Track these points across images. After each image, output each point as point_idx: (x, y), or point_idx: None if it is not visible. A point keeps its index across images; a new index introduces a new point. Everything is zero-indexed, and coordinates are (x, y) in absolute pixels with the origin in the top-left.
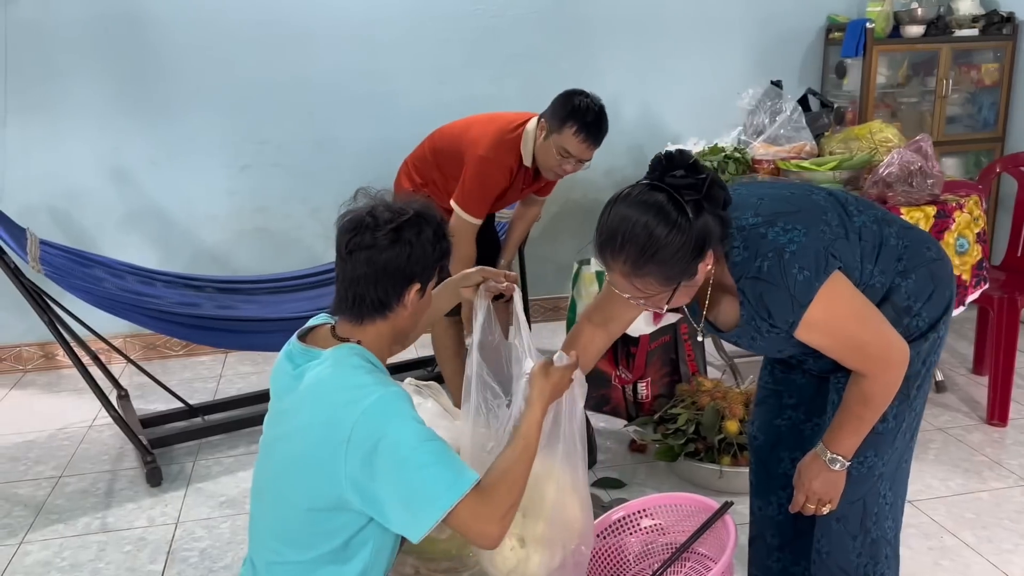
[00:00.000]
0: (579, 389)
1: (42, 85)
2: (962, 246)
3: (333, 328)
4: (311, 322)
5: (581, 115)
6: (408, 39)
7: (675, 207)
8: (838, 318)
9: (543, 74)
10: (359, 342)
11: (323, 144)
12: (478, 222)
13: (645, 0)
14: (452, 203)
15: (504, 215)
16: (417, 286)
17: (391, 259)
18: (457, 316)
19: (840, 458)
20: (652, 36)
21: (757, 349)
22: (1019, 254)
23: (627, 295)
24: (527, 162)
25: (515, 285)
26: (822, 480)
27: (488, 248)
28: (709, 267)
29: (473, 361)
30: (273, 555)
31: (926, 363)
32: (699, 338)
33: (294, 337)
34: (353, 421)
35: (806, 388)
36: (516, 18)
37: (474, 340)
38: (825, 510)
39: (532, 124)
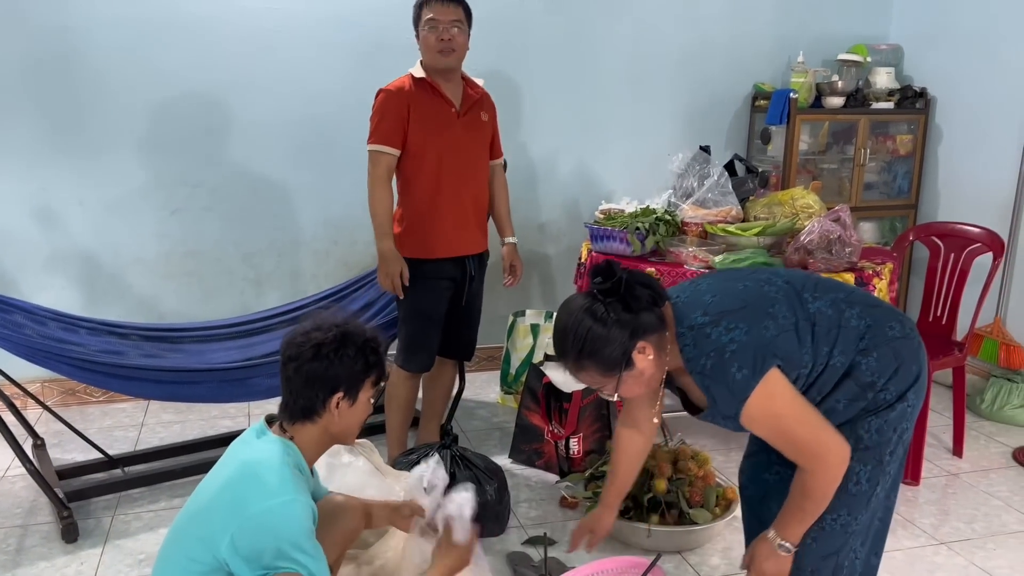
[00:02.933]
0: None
1: None
2: None
3: (281, 423)
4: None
5: None
6: (348, 89)
7: (598, 308)
8: (774, 416)
9: None
10: (291, 438)
11: (258, 189)
12: (387, 150)
13: (582, 62)
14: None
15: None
16: (340, 395)
17: (313, 370)
18: (415, 372)
19: (788, 544)
20: (589, 96)
21: (731, 428)
22: (930, 319)
23: (586, 386)
24: (420, 73)
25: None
26: (773, 562)
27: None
28: (650, 357)
29: None
30: None
31: (897, 430)
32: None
33: (263, 419)
34: (264, 506)
35: None
36: None
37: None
38: None
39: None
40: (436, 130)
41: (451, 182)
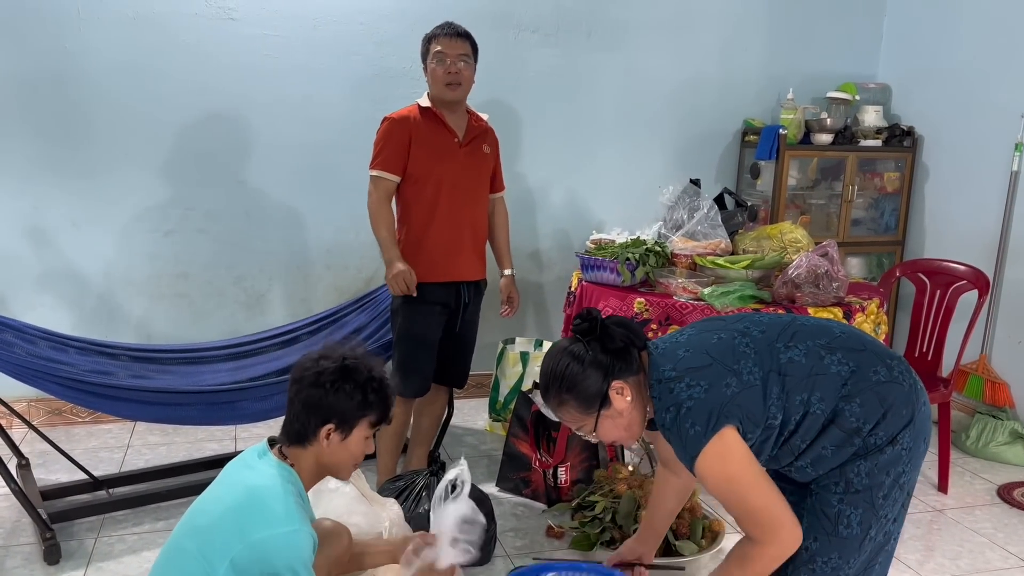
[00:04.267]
0: None
1: None
2: None
3: (281, 446)
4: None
5: (433, 29)
6: (344, 117)
7: (577, 347)
8: (727, 479)
9: None
10: (293, 465)
11: (252, 213)
12: (387, 176)
13: (576, 94)
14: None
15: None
16: (331, 427)
17: (308, 397)
18: (409, 397)
19: None
20: (581, 128)
21: None
22: (916, 355)
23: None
24: (427, 103)
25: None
26: None
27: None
28: (628, 398)
29: None
30: None
31: (891, 474)
32: None
33: (265, 440)
34: (269, 534)
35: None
36: None
37: None
38: None
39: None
40: (437, 158)
41: (449, 209)
